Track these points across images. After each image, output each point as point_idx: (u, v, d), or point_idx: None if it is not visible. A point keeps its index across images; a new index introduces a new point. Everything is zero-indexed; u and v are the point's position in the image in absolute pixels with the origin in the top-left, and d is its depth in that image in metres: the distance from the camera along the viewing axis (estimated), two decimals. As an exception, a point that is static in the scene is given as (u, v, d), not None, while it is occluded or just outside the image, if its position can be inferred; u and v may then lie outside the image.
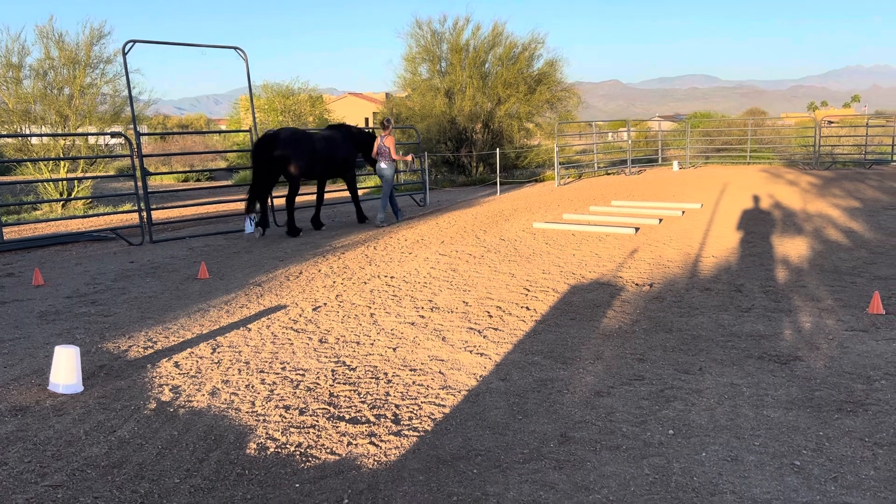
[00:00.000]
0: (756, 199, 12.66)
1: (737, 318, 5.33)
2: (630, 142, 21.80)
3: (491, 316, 5.63)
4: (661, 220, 10.41)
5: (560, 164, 18.07)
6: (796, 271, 6.82)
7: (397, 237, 9.84)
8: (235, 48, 11.53)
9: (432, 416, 3.72)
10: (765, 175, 17.41)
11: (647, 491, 2.90)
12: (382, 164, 11.10)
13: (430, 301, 6.16)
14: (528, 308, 5.83)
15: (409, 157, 12.03)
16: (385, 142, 11.04)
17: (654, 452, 3.24)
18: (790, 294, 5.98)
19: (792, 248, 8.00)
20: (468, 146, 21.47)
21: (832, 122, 29.26)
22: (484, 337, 5.08)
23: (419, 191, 15.33)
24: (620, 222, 10.40)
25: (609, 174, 20.17)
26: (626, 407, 3.77)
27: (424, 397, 3.99)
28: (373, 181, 17.40)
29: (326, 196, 12.23)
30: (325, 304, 6.19)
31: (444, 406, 3.86)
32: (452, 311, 5.80)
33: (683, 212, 11.26)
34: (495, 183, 17.52)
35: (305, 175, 10.47)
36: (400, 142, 20.74)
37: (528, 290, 6.42)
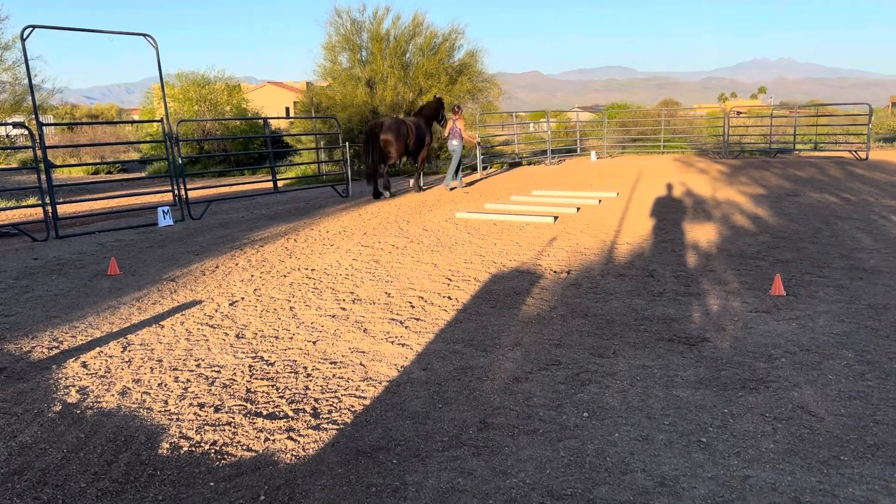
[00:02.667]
0: (669, 187, 13.12)
1: (649, 303, 5.52)
2: (550, 132, 22.19)
3: (413, 306, 5.64)
4: (578, 209, 10.65)
5: (482, 154, 18.22)
6: (705, 256, 7.12)
7: (319, 229, 9.72)
8: (145, 35, 11.08)
9: (352, 409, 3.70)
10: (678, 164, 18.06)
11: (563, 473, 2.98)
12: (454, 142, 13.76)
13: (352, 293, 6.12)
14: (449, 298, 5.86)
15: (476, 138, 14.81)
16: (456, 124, 13.76)
17: (570, 435, 3.33)
18: (699, 278, 6.24)
19: (702, 233, 8.34)
20: (391, 136, 21.38)
21: (741, 113, 30.60)
22: (406, 328, 5.09)
23: (341, 181, 15.17)
24: (540, 211, 10.59)
25: (530, 164, 20.48)
26: (543, 392, 3.85)
27: (345, 390, 3.97)
28: (292, 173, 17.09)
29: (244, 188, 12.07)
30: (242, 298, 6.05)
31: (364, 398, 3.84)
32: (374, 303, 5.78)
33: (600, 200, 11.56)
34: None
35: (401, 153, 13.11)
36: (321, 131, 20.46)
37: (451, 280, 6.46)
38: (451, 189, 14.06)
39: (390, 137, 12.73)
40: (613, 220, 9.63)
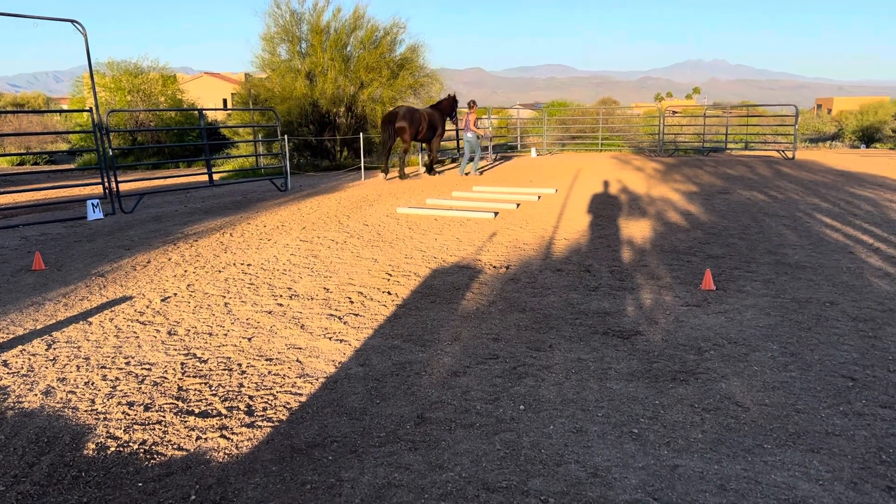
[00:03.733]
0: (606, 184, 13.38)
1: (585, 297, 5.62)
2: (491, 129, 22.33)
3: (352, 302, 5.59)
4: (518, 205, 10.76)
5: (424, 149, 18.19)
6: (639, 251, 7.29)
7: (256, 223, 9.54)
8: (73, 21, 10.65)
9: (288, 406, 3.65)
10: (615, 161, 18.43)
11: (498, 466, 3.00)
12: (468, 134, 15.45)
13: (290, 288, 6.03)
14: (389, 293, 5.84)
15: (483, 131, 15.99)
16: (469, 117, 15.37)
17: (506, 428, 3.36)
18: (633, 273, 6.38)
19: (636, 229, 8.53)
20: (331, 130, 21.15)
21: (675, 113, 31.41)
22: (344, 323, 5.04)
23: (279, 175, 14.94)
24: (481, 207, 10.65)
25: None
26: (480, 385, 3.88)
27: (280, 387, 3.91)
28: (229, 166, 16.73)
29: (178, 181, 11.75)
30: (175, 294, 5.89)
31: (300, 395, 3.79)
32: (312, 298, 5.71)
33: (540, 197, 11.70)
34: (360, 168, 17.40)
35: (413, 138, 14.84)
36: (260, 123, 20.09)
37: (391, 275, 6.44)
38: (465, 175, 15.82)
39: (404, 124, 14.46)
40: (552, 216, 9.76)
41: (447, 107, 15.82)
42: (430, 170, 16.13)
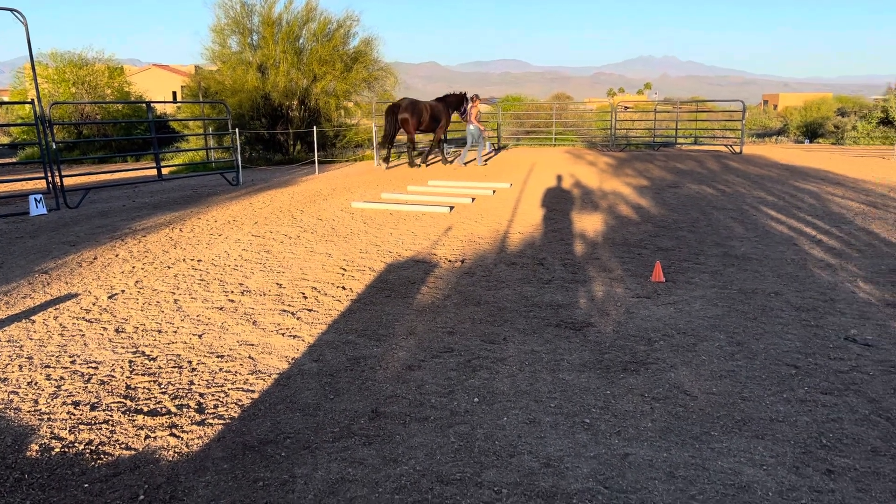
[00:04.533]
0: (559, 178, 13.52)
1: (538, 290, 5.67)
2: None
3: (306, 297, 5.54)
4: (473, 199, 10.79)
5: (380, 143, 18.10)
6: (592, 245, 7.39)
7: (206, 218, 9.37)
8: (12, 10, 10.28)
9: (240, 403, 3.60)
10: (568, 156, 18.63)
11: (453, 458, 3.01)
12: (470, 126, 16.29)
13: (242, 284, 5.94)
14: (344, 288, 5.80)
15: (483, 127, 16.71)
16: (471, 110, 16.24)
17: (460, 420, 3.37)
18: (586, 266, 6.47)
19: (589, 223, 8.64)
20: (284, 123, 20.86)
21: (627, 108, 31.89)
22: (298, 319, 4.99)
23: (231, 169, 14.68)
24: (436, 201, 10.65)
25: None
26: (435, 379, 3.88)
27: (232, 384, 3.85)
28: (178, 160, 16.38)
29: (126, 175, 11.46)
30: (122, 291, 5.75)
31: (252, 391, 3.74)
32: (265, 294, 5.63)
33: (494, 191, 11.76)
34: (313, 162, 17.23)
35: (416, 128, 15.60)
36: (210, 117, 19.73)
37: (345, 270, 6.40)
38: (466, 164, 16.60)
39: (407, 115, 15.28)
40: (507, 210, 9.82)
41: (454, 101, 16.52)
42: (425, 158, 17.05)
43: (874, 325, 4.70)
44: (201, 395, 3.70)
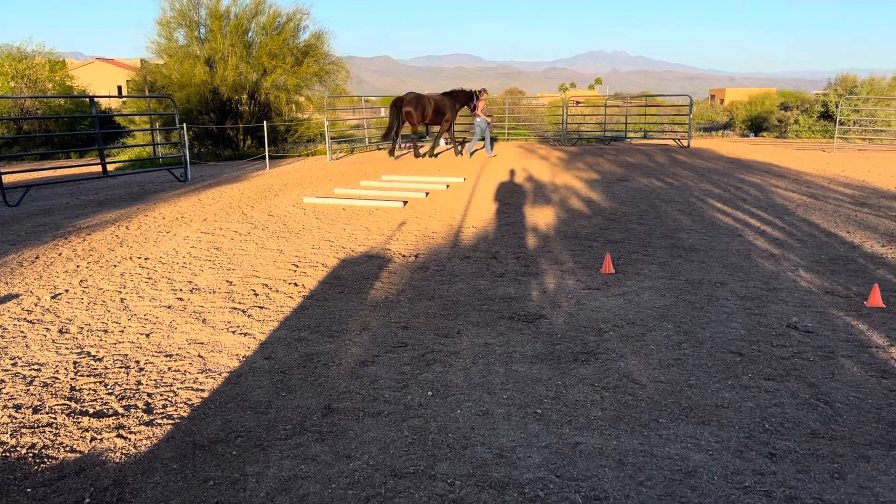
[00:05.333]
0: (512, 172, 13.61)
1: (492, 283, 5.71)
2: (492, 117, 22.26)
3: (257, 294, 5.47)
4: (427, 194, 10.79)
5: (332, 138, 17.97)
6: (544, 238, 7.47)
7: (154, 215, 9.16)
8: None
9: (189, 402, 3.54)
10: (521, 151, 18.77)
11: (406, 452, 3.02)
12: (478, 119, 16.70)
13: (190, 282, 5.83)
14: (296, 284, 5.75)
15: (490, 119, 17.07)
16: (477, 103, 16.68)
17: (414, 414, 3.38)
18: (538, 259, 6.54)
19: (541, 217, 8.73)
20: (234, 118, 20.53)
21: (579, 103, 32.26)
22: (248, 316, 4.93)
23: (179, 165, 14.38)
24: (390, 196, 10.61)
25: (381, 149, 20.45)
26: (389, 374, 3.88)
27: (181, 383, 3.78)
28: (124, 156, 15.98)
29: (69, 172, 11.12)
30: (66, 290, 5.59)
31: (202, 390, 3.68)
32: (215, 292, 5.54)
33: (448, 185, 11.78)
34: (264, 157, 16.99)
35: (420, 121, 16.23)
36: (157, 111, 19.29)
37: (297, 266, 6.33)
38: (471, 154, 17.15)
39: (410, 109, 15.99)
40: (460, 204, 9.85)
41: (463, 97, 16.89)
42: (431, 150, 17.40)
43: (814, 313, 4.87)
44: (149, 395, 3.63)
